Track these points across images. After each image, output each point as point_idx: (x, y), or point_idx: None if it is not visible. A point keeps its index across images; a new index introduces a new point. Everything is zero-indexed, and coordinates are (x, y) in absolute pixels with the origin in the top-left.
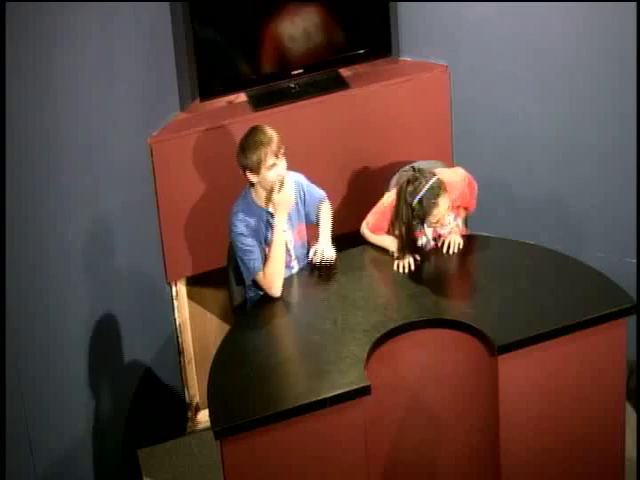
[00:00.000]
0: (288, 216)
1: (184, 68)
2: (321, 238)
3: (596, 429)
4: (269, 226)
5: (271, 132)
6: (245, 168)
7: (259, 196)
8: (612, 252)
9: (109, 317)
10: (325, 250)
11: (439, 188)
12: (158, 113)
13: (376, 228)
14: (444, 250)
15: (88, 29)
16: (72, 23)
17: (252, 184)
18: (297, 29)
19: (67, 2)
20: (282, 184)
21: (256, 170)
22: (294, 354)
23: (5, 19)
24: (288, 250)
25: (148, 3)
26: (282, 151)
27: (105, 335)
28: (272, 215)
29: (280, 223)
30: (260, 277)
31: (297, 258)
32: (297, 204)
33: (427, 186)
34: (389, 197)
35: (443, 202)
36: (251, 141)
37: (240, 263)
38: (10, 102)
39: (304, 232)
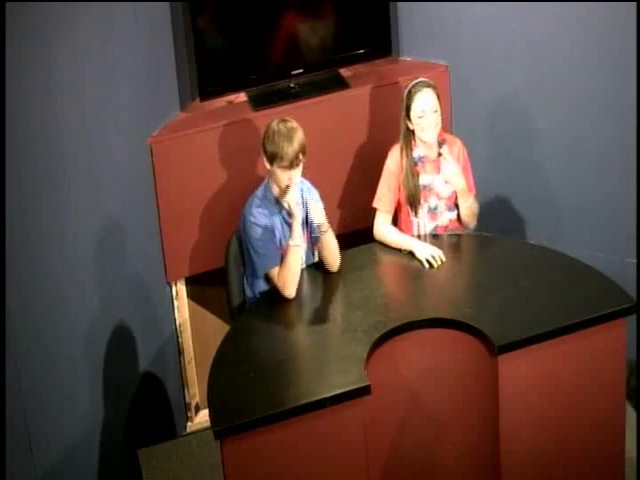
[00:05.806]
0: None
1: (184, 68)
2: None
3: (596, 429)
4: (287, 226)
5: (299, 136)
6: (264, 153)
7: (276, 189)
8: (612, 252)
9: (109, 317)
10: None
11: (428, 81)
12: (158, 113)
13: (381, 195)
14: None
15: (88, 29)
16: (72, 23)
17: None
18: (297, 29)
19: (67, 2)
20: (289, 188)
21: (269, 162)
22: (294, 354)
23: (5, 19)
24: None
25: (148, 3)
26: (301, 158)
27: (105, 335)
28: (290, 215)
29: (298, 228)
30: (274, 273)
31: (304, 263)
32: (306, 209)
33: (419, 79)
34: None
35: (429, 92)
36: (277, 133)
37: (254, 254)
38: (10, 102)
39: (308, 239)
